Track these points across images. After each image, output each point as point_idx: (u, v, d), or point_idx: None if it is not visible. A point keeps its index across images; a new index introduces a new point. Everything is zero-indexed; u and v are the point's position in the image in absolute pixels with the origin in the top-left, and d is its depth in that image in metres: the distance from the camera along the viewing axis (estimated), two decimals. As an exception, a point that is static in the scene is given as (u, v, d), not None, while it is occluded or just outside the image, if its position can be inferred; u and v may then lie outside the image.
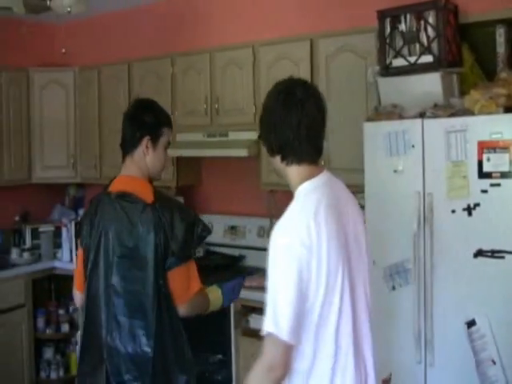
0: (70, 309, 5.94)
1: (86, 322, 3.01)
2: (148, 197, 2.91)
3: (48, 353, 5.87)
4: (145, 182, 3.00)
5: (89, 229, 3.02)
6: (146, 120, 3.03)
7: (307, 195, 2.34)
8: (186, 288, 2.89)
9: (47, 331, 5.82)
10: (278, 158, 2.43)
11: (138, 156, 3.02)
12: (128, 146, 3.04)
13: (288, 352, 2.19)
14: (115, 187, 3.02)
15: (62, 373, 5.81)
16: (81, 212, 6.34)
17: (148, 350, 2.82)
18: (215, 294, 3.11)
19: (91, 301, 2.97)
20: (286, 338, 2.16)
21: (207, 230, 2.99)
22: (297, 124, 2.34)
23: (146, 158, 3.01)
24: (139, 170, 3.02)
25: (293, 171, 2.41)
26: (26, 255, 5.85)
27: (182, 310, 2.90)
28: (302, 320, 2.20)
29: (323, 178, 2.42)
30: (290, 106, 2.36)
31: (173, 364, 2.87)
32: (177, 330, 2.90)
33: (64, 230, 5.90)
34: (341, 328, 2.29)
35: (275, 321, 2.18)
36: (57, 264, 5.93)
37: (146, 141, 3.00)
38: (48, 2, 4.34)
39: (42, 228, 6.11)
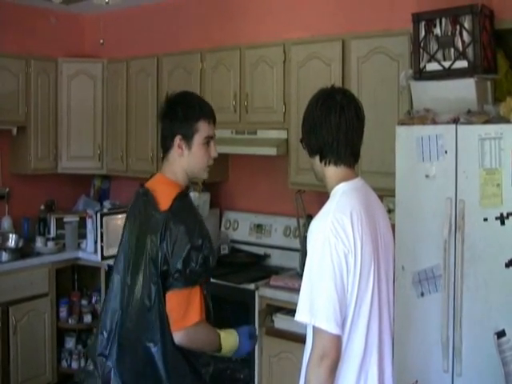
0: (93, 299, 5.98)
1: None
2: (165, 203, 2.72)
3: (70, 343, 5.91)
4: (172, 186, 2.81)
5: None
6: (174, 118, 2.82)
7: (344, 195, 2.42)
8: (183, 315, 2.67)
9: (69, 321, 5.86)
10: (316, 158, 2.52)
11: (172, 158, 2.83)
12: (163, 148, 2.88)
13: (336, 340, 2.26)
14: (148, 183, 2.89)
15: (83, 363, 5.82)
16: (106, 204, 6.37)
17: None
18: (230, 338, 2.87)
19: (108, 294, 2.92)
20: (328, 328, 2.24)
21: (211, 258, 2.72)
22: (336, 126, 2.43)
23: (181, 159, 2.81)
24: (172, 173, 2.84)
25: (330, 172, 2.50)
26: (50, 244, 5.89)
27: (177, 337, 2.66)
28: (343, 310, 2.28)
29: (359, 182, 2.53)
30: (329, 108, 2.45)
31: None
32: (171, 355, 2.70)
33: (89, 222, 5.92)
34: (370, 330, 2.37)
35: (314, 312, 2.26)
36: (80, 255, 5.95)
37: (177, 141, 2.80)
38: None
39: (67, 218, 6.14)
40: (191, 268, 2.64)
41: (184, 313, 2.66)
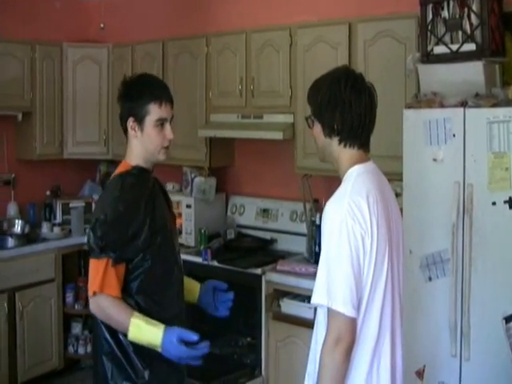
0: (99, 285, 5.97)
1: None
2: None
3: (76, 328, 5.91)
4: (120, 167, 2.90)
5: None
6: (127, 99, 2.86)
7: (358, 177, 2.40)
8: (91, 284, 2.71)
9: (76, 307, 5.86)
10: (335, 140, 2.46)
11: (129, 140, 2.89)
12: (123, 130, 2.92)
13: (351, 323, 2.25)
14: None
15: (89, 349, 5.82)
16: (111, 189, 6.35)
17: None
18: (147, 329, 2.65)
19: None
20: (345, 311, 2.22)
21: (109, 238, 2.68)
22: (364, 110, 2.41)
23: (136, 140, 2.85)
24: (128, 156, 2.91)
25: (346, 154, 2.46)
26: (56, 230, 5.89)
27: (90, 302, 2.76)
28: (359, 293, 2.26)
29: (371, 165, 2.51)
30: (360, 92, 2.43)
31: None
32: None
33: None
34: (383, 313, 2.37)
35: (331, 295, 2.24)
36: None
37: (130, 122, 2.84)
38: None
39: (73, 204, 6.13)
40: (95, 241, 2.68)
41: (92, 281, 2.72)
